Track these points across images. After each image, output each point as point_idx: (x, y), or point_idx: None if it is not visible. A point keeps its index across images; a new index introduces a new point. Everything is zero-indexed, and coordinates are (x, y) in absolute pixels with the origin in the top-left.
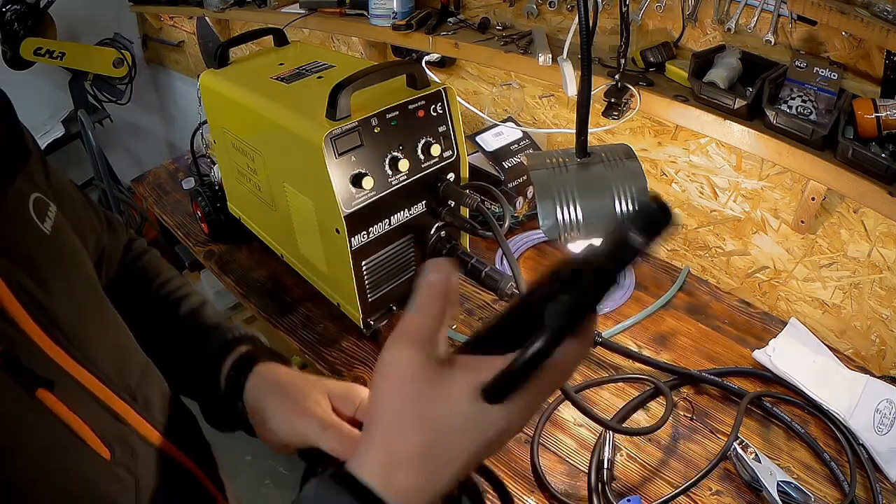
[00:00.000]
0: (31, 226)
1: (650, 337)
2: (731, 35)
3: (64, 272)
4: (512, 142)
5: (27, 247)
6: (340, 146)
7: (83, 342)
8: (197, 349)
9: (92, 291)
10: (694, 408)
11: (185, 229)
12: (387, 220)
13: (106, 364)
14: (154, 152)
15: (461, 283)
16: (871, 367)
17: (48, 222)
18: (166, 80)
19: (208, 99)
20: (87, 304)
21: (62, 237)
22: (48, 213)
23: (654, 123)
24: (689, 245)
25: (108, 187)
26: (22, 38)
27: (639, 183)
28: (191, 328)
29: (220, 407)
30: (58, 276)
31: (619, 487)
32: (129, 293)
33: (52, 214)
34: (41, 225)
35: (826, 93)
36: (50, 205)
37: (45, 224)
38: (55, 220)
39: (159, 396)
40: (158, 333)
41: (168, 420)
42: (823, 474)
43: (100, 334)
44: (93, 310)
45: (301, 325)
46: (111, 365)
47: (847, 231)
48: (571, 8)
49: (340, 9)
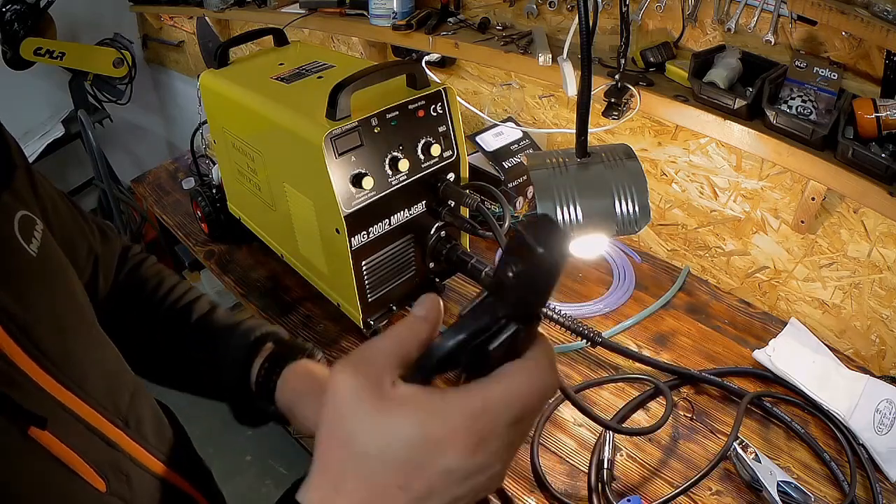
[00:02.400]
0: (17, 248)
1: (650, 337)
2: (731, 35)
3: (51, 295)
4: (512, 142)
5: (12, 270)
6: (340, 146)
7: (73, 368)
8: (219, 353)
9: (79, 313)
10: (694, 408)
11: (185, 229)
12: (387, 220)
13: (96, 389)
14: (154, 152)
15: (461, 283)
16: (871, 367)
17: (34, 243)
18: (166, 80)
19: (208, 99)
20: (76, 327)
21: (48, 257)
22: (34, 233)
23: (654, 123)
24: (689, 245)
25: (108, 187)
26: (22, 38)
27: (639, 183)
28: (207, 333)
29: (250, 406)
30: (44, 300)
31: (619, 487)
32: (132, 304)
33: (38, 233)
34: (27, 246)
35: (826, 93)
36: (36, 222)
37: (31, 245)
38: (42, 240)
39: (150, 416)
40: (172, 343)
41: (160, 440)
42: (823, 474)
43: (89, 358)
44: (81, 333)
45: (301, 325)
46: (102, 389)
47: (847, 231)
48: (571, 8)
49: (340, 9)
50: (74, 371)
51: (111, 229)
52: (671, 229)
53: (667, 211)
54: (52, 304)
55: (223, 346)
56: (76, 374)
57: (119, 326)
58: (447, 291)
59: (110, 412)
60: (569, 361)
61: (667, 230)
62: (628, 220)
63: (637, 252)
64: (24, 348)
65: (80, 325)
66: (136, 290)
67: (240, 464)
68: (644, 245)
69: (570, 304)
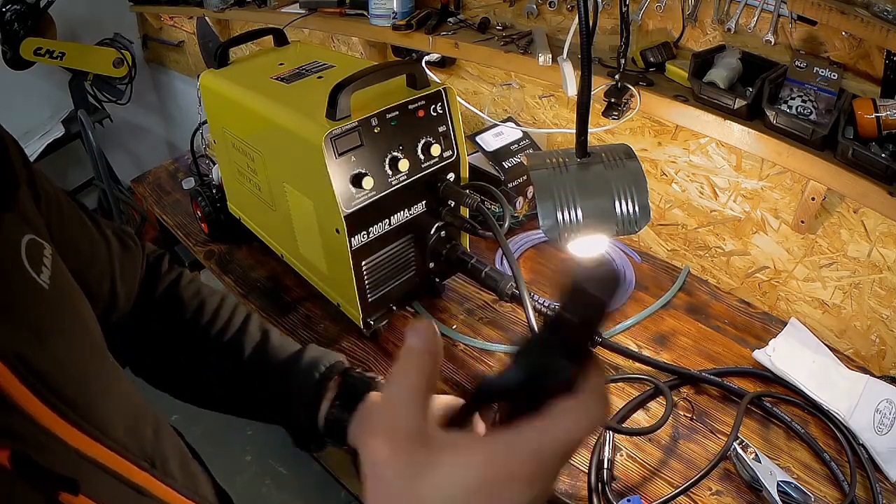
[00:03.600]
0: (27, 281)
1: (650, 337)
2: (731, 35)
3: (68, 333)
4: (512, 142)
5: (24, 308)
6: (340, 146)
7: (96, 415)
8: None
9: (97, 348)
10: (694, 408)
11: (185, 229)
12: (387, 220)
13: (120, 433)
14: (154, 152)
15: (461, 283)
16: (871, 367)
17: (45, 272)
18: (166, 80)
19: (208, 99)
20: (95, 365)
21: (61, 287)
22: (44, 260)
23: (654, 123)
24: (689, 245)
25: (108, 187)
26: (22, 38)
27: (639, 183)
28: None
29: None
30: (62, 340)
31: (619, 487)
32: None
33: (48, 259)
34: (38, 278)
35: (826, 93)
36: (45, 246)
37: (41, 275)
38: (52, 267)
39: (174, 451)
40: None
41: (186, 475)
42: (823, 474)
43: (111, 400)
44: (100, 371)
45: (301, 325)
46: (126, 432)
47: (847, 231)
48: (571, 8)
49: (340, 9)
50: (98, 417)
51: (132, 237)
52: (671, 229)
53: (667, 211)
54: (70, 343)
55: (285, 384)
56: (100, 420)
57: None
58: (447, 291)
59: (135, 455)
60: None
61: (667, 230)
62: (628, 220)
63: (637, 252)
64: (45, 401)
65: (98, 362)
66: (172, 312)
67: (240, 464)
68: (644, 245)
69: None
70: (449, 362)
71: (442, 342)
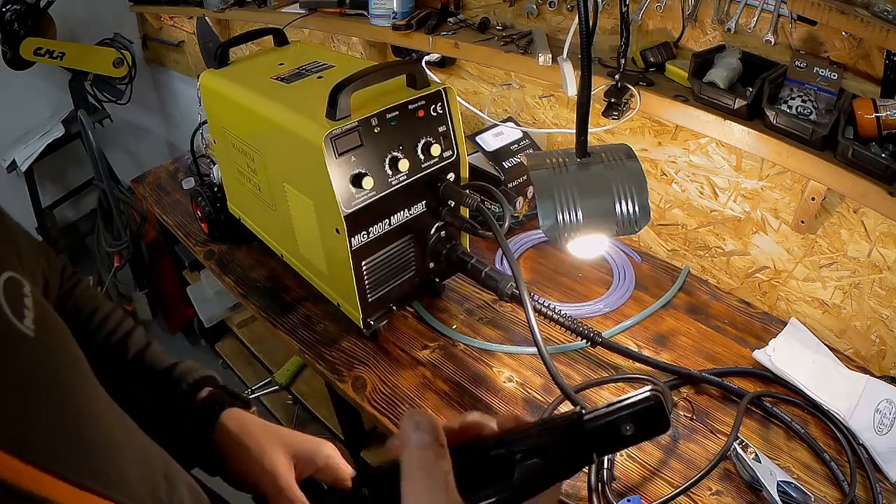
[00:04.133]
0: (11, 332)
1: (650, 337)
2: (731, 35)
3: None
4: (512, 142)
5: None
6: (340, 146)
7: (109, 470)
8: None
9: (92, 391)
10: (694, 408)
11: (185, 229)
12: (387, 220)
13: (136, 486)
14: (154, 152)
15: (461, 283)
16: (871, 367)
17: (28, 315)
18: (166, 80)
19: (208, 99)
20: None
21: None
22: (24, 300)
23: (654, 123)
24: (689, 245)
25: (108, 187)
26: (22, 38)
27: (639, 183)
28: (144, 374)
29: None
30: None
31: (619, 487)
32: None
33: (28, 299)
34: (20, 324)
35: (826, 93)
36: (23, 284)
37: (24, 320)
38: (35, 308)
39: (188, 495)
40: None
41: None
42: (823, 474)
43: (122, 453)
44: (109, 422)
45: (301, 325)
46: (141, 484)
47: (847, 231)
48: (571, 8)
49: (340, 9)
50: (111, 473)
51: (50, 249)
52: (671, 229)
53: (667, 211)
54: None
55: (160, 390)
56: (114, 476)
57: None
58: (447, 291)
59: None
60: (569, 361)
61: (667, 230)
62: (628, 220)
63: (637, 252)
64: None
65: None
66: (69, 315)
67: None
68: (644, 245)
69: (570, 304)
70: (449, 362)
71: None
